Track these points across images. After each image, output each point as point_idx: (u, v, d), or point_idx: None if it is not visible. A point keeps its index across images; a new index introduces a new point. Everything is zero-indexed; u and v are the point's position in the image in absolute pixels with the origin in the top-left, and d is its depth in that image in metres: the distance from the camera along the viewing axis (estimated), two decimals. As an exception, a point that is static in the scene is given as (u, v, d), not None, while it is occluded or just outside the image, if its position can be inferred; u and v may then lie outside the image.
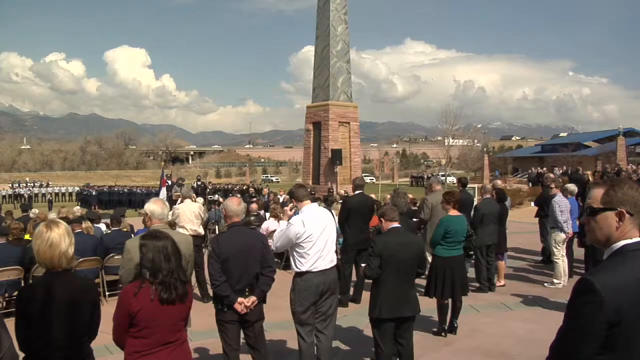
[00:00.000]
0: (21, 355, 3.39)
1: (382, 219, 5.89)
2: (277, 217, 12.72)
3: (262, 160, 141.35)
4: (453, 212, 7.72)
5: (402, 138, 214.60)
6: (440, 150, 63.33)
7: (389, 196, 12.32)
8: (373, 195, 11.24)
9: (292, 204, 6.27)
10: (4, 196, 45.97)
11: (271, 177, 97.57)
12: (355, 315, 8.44)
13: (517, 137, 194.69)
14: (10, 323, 3.29)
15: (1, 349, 3.10)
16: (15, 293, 8.73)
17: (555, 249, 10.26)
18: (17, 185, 54.02)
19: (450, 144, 57.94)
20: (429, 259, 8.06)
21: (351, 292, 9.45)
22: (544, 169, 42.16)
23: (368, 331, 6.57)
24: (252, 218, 12.17)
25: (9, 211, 16.05)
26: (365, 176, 26.62)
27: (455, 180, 30.18)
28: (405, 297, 5.64)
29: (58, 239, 3.45)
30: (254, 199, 20.61)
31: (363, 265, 6.22)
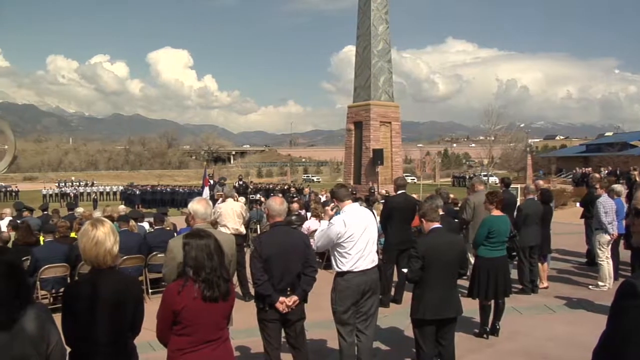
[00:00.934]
0: (67, 350, 3.47)
1: (423, 219, 5.86)
2: (319, 217, 12.73)
3: (303, 160, 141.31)
4: (496, 213, 7.64)
5: (443, 138, 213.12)
6: (482, 150, 62.65)
7: (429, 196, 12.25)
8: (415, 196, 11.18)
9: (333, 204, 6.24)
10: (50, 195, 46.73)
11: (312, 176, 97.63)
12: (396, 316, 8.42)
13: (561, 137, 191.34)
14: (57, 318, 3.38)
15: (50, 344, 3.18)
16: (62, 289, 8.95)
17: (599, 251, 10.09)
18: (63, 184, 54.89)
19: (492, 143, 57.22)
20: (472, 259, 8.00)
21: (392, 292, 9.43)
22: (589, 169, 41.47)
23: (409, 332, 6.55)
24: (293, 218, 12.21)
25: (55, 210, 16.31)
26: (406, 176, 26.51)
27: (497, 181, 29.88)
28: (448, 298, 5.59)
29: (103, 237, 3.50)
30: (295, 199, 20.68)
31: (405, 270, 6.19)
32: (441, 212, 6.93)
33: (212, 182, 26.16)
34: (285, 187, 41.24)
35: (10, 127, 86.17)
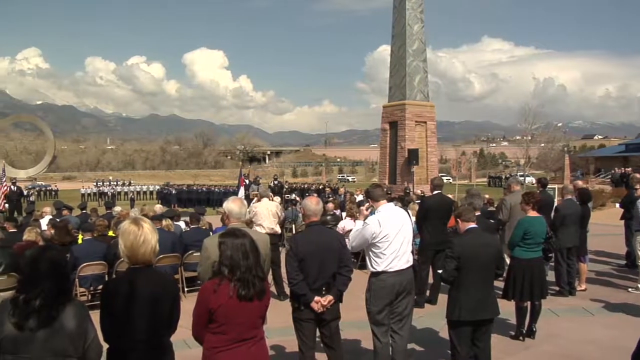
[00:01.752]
0: (105, 346, 3.53)
1: (459, 219, 5.82)
2: (354, 217, 12.72)
3: (338, 159, 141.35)
4: (532, 213, 7.56)
5: (479, 137, 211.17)
6: (519, 150, 61.94)
7: (464, 196, 12.16)
8: (450, 196, 11.10)
9: (368, 204, 6.23)
10: (89, 194, 47.28)
11: (347, 176, 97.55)
12: (431, 317, 8.37)
13: (600, 136, 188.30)
14: (95, 315, 3.43)
15: (87, 340, 3.25)
16: (100, 287, 9.08)
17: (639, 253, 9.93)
18: (101, 183, 55.51)
19: (529, 142, 56.51)
20: (507, 260, 7.94)
21: (427, 293, 9.38)
22: (629, 169, 40.80)
23: (444, 333, 6.52)
24: (328, 217, 12.22)
25: (93, 208, 16.52)
26: (442, 176, 26.36)
27: (534, 181, 29.59)
28: (484, 299, 5.55)
29: (149, 235, 3.56)
30: (331, 199, 20.68)
31: (440, 271, 6.16)
32: (477, 213, 6.89)
33: (247, 181, 26.34)
34: (320, 187, 41.23)
35: (50, 127, 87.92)
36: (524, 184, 30.98)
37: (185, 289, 9.93)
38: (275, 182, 30.82)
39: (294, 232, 15.02)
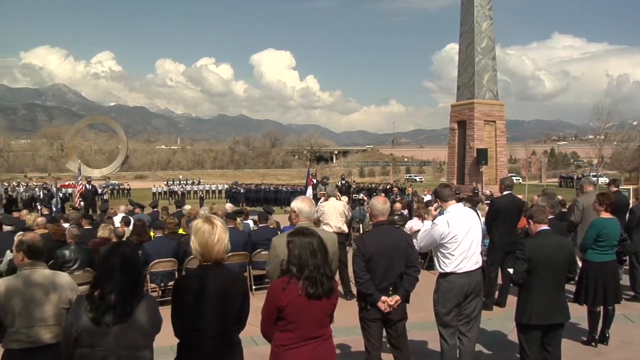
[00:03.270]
0: (176, 340, 3.63)
1: (530, 220, 5.71)
2: (421, 217, 12.64)
3: (406, 159, 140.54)
4: (605, 215, 7.35)
5: (550, 137, 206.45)
6: (591, 149, 60.32)
7: (536, 197, 11.93)
8: (520, 196, 10.91)
9: (437, 204, 6.18)
10: (159, 193, 48.14)
11: (415, 176, 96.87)
12: (499, 319, 8.23)
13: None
14: (165, 311, 3.52)
15: (158, 333, 3.36)
16: (170, 283, 9.29)
17: None
18: (171, 182, 56.63)
19: (602, 142, 54.95)
20: (579, 263, 7.74)
21: (496, 295, 9.24)
22: None
23: (512, 336, 6.41)
24: (396, 217, 12.17)
25: (164, 207, 16.90)
26: (511, 176, 25.88)
27: (607, 181, 28.88)
28: (555, 302, 5.42)
29: (222, 234, 3.62)
30: (398, 199, 20.59)
31: (510, 270, 6.06)
32: (550, 216, 6.75)
33: (315, 181, 26.40)
34: (388, 187, 41.04)
35: (123, 128, 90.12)
36: (597, 185, 30.17)
37: (253, 287, 10.02)
38: (343, 182, 30.80)
39: (361, 231, 15.00)
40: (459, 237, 5.56)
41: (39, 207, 24.18)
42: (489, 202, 11.77)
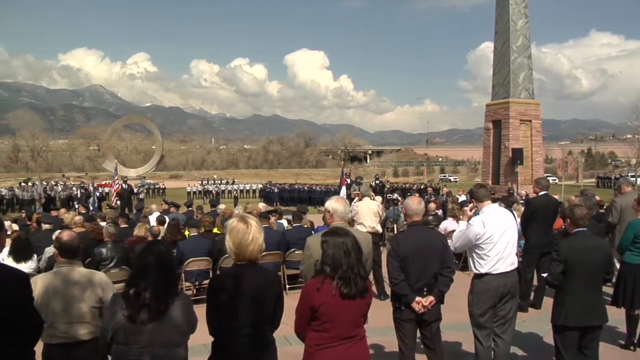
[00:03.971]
0: (210, 338, 3.66)
1: (568, 221, 5.63)
2: (456, 217, 12.57)
3: (440, 159, 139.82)
4: (644, 216, 7.23)
5: (587, 136, 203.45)
6: (630, 149, 59.41)
7: (573, 197, 11.78)
8: (556, 197, 10.76)
9: (472, 204, 6.14)
10: (194, 192, 48.45)
11: (449, 176, 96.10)
12: (535, 321, 8.14)
13: None
14: (199, 309, 3.55)
15: (192, 330, 3.45)
16: (204, 282, 9.37)
17: None
18: (206, 182, 57.02)
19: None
20: (617, 265, 7.62)
21: (531, 296, 9.15)
22: None
23: (548, 338, 6.33)
24: (430, 218, 12.11)
25: (199, 206, 17.02)
26: (547, 176, 25.52)
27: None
28: (592, 304, 5.33)
29: (257, 233, 3.64)
30: (432, 199, 20.49)
31: (544, 275, 5.99)
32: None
33: (349, 181, 26.40)
34: (422, 187, 40.88)
35: (158, 128, 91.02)
36: (635, 185, 29.69)
37: (287, 287, 10.04)
38: (377, 182, 30.82)
39: (395, 231, 14.95)
40: (494, 237, 5.52)
41: (76, 205, 24.62)
42: (524, 202, 11.65)
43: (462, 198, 19.03)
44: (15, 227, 11.30)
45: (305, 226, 11.67)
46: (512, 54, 26.78)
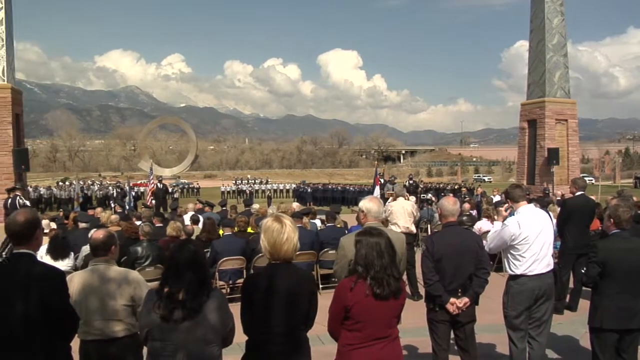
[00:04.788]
0: (244, 337, 3.68)
1: (611, 221, 5.53)
2: (490, 218, 12.45)
3: (474, 159, 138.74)
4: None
5: (624, 136, 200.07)
6: (670, 148, 58.40)
7: (610, 199, 11.61)
8: (593, 197, 10.61)
9: (507, 205, 6.09)
10: (228, 192, 48.66)
11: (483, 176, 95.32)
12: (570, 324, 8.04)
13: None
14: (233, 308, 3.57)
15: (226, 328, 3.44)
16: (238, 281, 9.42)
17: None
18: (240, 182, 57.23)
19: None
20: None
21: (567, 299, 9.04)
22: None
23: (584, 342, 6.26)
24: (464, 218, 12.02)
25: (233, 206, 17.10)
26: (583, 177, 25.19)
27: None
28: (630, 308, 5.21)
29: (291, 233, 3.65)
30: (467, 199, 20.35)
31: (583, 272, 5.91)
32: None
33: (382, 181, 26.33)
34: (456, 187, 40.61)
35: (193, 128, 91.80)
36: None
37: (320, 286, 10.05)
38: (411, 182, 30.64)
39: (429, 232, 14.88)
40: (530, 238, 5.47)
41: (112, 205, 24.87)
42: (560, 202, 11.51)
43: (497, 198, 18.85)
44: (53, 225, 11.47)
45: (339, 226, 11.66)
46: (548, 52, 26.53)
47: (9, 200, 16.64)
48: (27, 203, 18.01)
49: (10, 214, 3.68)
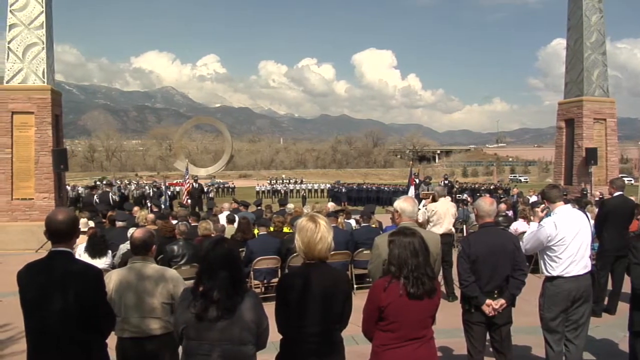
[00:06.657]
0: (279, 336, 3.70)
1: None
2: (526, 219, 12.33)
3: (510, 159, 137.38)
4: None
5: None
6: None
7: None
8: (632, 198, 10.45)
9: (544, 205, 6.04)
10: (263, 191, 48.87)
11: (519, 176, 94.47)
12: (609, 327, 7.91)
13: None
14: (268, 307, 3.58)
15: (261, 328, 3.43)
16: (273, 280, 9.47)
17: None
18: (274, 181, 57.55)
19: None
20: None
21: (605, 301, 8.91)
22: None
23: (623, 345, 6.16)
24: (500, 219, 11.92)
25: (268, 205, 17.21)
26: (622, 177, 24.81)
27: None
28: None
29: (326, 233, 3.66)
30: (503, 199, 20.18)
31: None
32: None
33: (417, 181, 26.22)
34: (492, 187, 40.31)
35: (228, 128, 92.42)
36: None
37: (355, 286, 10.04)
38: (446, 182, 30.47)
39: (464, 232, 14.79)
40: (566, 239, 5.41)
41: (149, 204, 25.16)
42: (598, 203, 11.35)
43: (533, 199, 18.65)
44: (92, 224, 11.64)
45: (374, 226, 11.65)
46: (586, 50, 26.10)
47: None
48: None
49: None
